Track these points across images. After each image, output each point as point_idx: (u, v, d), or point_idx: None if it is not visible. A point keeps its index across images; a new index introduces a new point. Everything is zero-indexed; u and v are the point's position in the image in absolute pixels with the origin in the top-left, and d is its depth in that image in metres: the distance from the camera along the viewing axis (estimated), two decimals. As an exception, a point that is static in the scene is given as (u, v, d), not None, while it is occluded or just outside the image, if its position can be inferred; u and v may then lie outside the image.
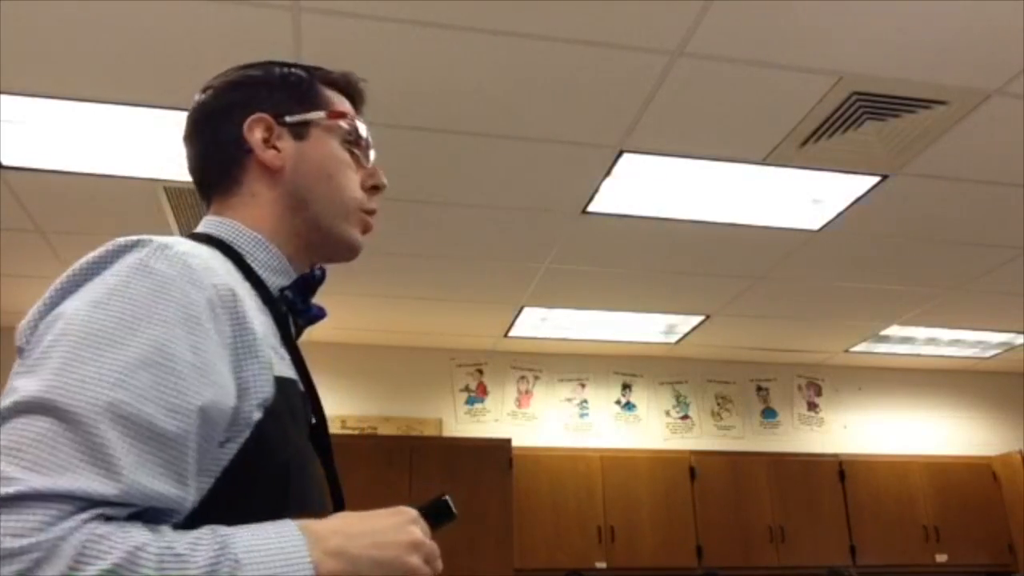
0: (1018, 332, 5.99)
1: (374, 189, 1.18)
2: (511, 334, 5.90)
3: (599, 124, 3.38)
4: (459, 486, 5.30)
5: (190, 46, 2.85)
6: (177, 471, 0.81)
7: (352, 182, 1.14)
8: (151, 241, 0.91)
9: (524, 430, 6.03)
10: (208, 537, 0.79)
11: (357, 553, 0.85)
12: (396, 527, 0.90)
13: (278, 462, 0.92)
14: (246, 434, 0.89)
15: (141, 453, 0.78)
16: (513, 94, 3.18)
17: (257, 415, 0.90)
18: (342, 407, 5.89)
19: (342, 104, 1.17)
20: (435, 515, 1.01)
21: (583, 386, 6.34)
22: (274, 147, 1.09)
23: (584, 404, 6.30)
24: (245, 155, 1.09)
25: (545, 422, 6.18)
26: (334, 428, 5.73)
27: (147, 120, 3.22)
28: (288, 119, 1.11)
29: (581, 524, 5.58)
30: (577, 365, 6.36)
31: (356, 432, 5.80)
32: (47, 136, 3.37)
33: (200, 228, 1.09)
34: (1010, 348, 6.33)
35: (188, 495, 0.83)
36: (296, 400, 0.98)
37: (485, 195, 3.95)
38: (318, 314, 1.14)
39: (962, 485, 6.25)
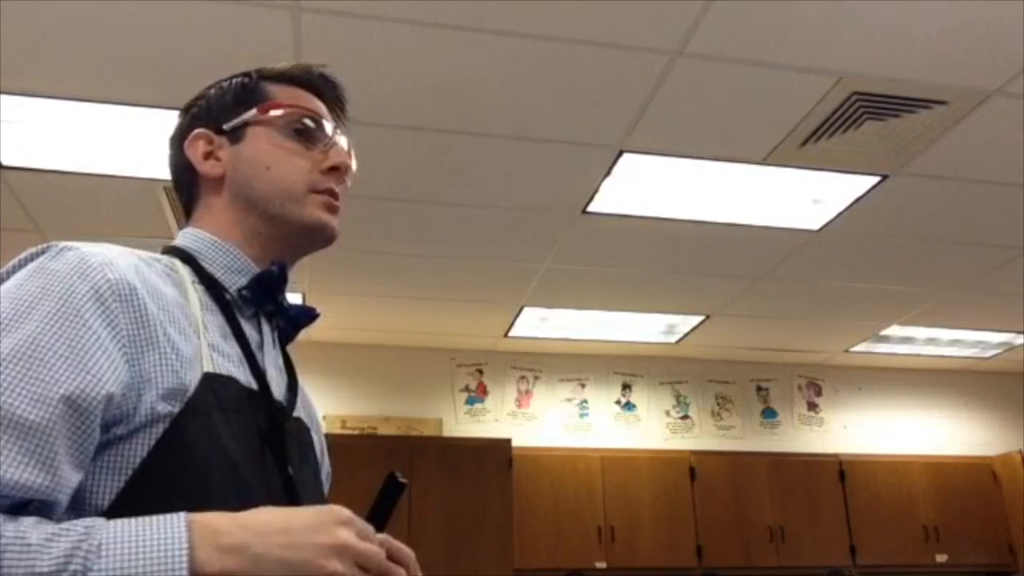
0: (1018, 332, 5.99)
1: (333, 170, 1.13)
2: (511, 334, 5.90)
3: (599, 124, 3.38)
4: (459, 486, 5.30)
5: (190, 46, 2.85)
6: (41, 459, 0.79)
7: (296, 167, 1.11)
8: (56, 245, 0.93)
9: (524, 430, 6.03)
10: (76, 528, 0.77)
11: (261, 551, 0.78)
12: (317, 526, 0.81)
13: (198, 461, 0.88)
14: (158, 429, 0.87)
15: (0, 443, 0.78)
16: (513, 94, 3.18)
17: (166, 408, 0.89)
18: (342, 407, 5.89)
19: (290, 96, 1.14)
20: (388, 496, 0.94)
21: (583, 386, 6.34)
22: (215, 157, 1.12)
23: (584, 404, 6.30)
24: (192, 172, 1.13)
25: (545, 422, 6.18)
26: (334, 428, 5.77)
27: (147, 120, 3.22)
28: (225, 126, 1.12)
29: (581, 524, 5.58)
30: (577, 365, 6.36)
31: (356, 432, 5.80)
32: (47, 136, 3.37)
33: (172, 243, 1.12)
34: (1010, 348, 6.33)
35: (59, 484, 0.81)
36: (231, 397, 0.96)
37: (485, 195, 3.95)
38: (302, 314, 1.13)
39: (962, 485, 6.24)
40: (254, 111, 1.12)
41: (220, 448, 0.91)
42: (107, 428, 0.86)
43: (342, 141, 1.16)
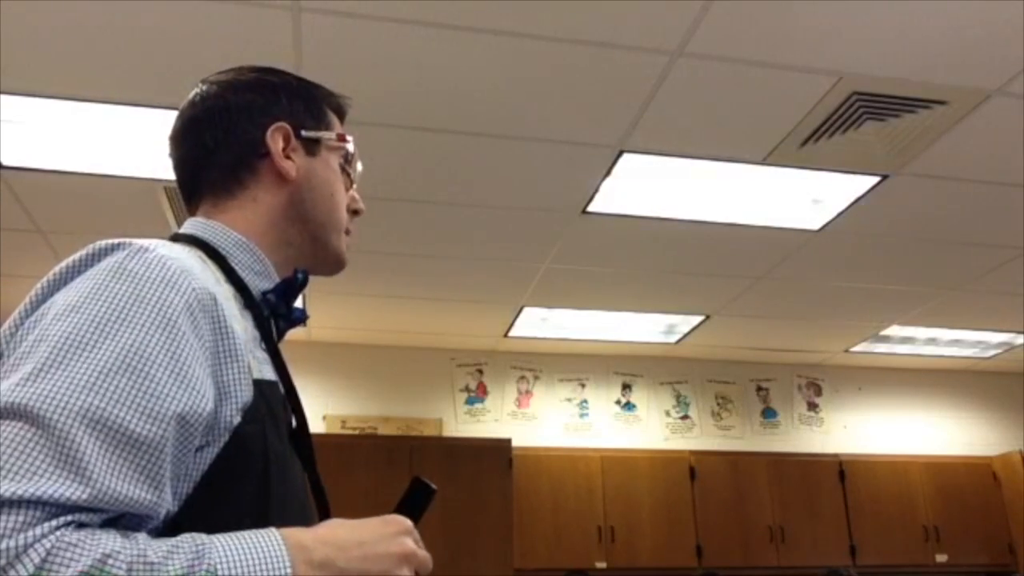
0: (1018, 332, 5.99)
1: (354, 213, 1.22)
2: (511, 334, 5.90)
3: (599, 124, 3.38)
4: (459, 486, 5.30)
5: (190, 46, 2.85)
6: (151, 476, 0.80)
7: (344, 203, 1.18)
8: (130, 244, 0.91)
9: (524, 430, 6.03)
10: (185, 546, 0.78)
11: (345, 565, 0.85)
12: (387, 538, 0.89)
13: (258, 465, 0.91)
14: (225, 438, 0.89)
15: (114, 458, 0.77)
16: (513, 94, 3.18)
17: (237, 419, 0.90)
18: (342, 407, 5.89)
19: (339, 128, 1.19)
20: (418, 500, 0.99)
21: (583, 386, 6.34)
22: (289, 158, 1.11)
23: (584, 404, 6.30)
24: (260, 159, 1.09)
25: (545, 422, 6.18)
26: (334, 428, 5.77)
27: (147, 120, 3.22)
28: (304, 134, 1.12)
29: (581, 524, 5.58)
30: (577, 365, 6.36)
31: (356, 432, 5.80)
32: (47, 136, 3.37)
33: (184, 229, 1.08)
34: (1010, 348, 6.33)
35: (163, 501, 0.82)
36: (276, 402, 0.98)
37: (485, 195, 3.95)
38: (300, 317, 1.14)
39: (962, 485, 6.24)
40: (332, 135, 1.15)
41: (275, 453, 0.94)
42: None
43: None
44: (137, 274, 0.87)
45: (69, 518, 0.74)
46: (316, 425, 5.70)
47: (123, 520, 0.80)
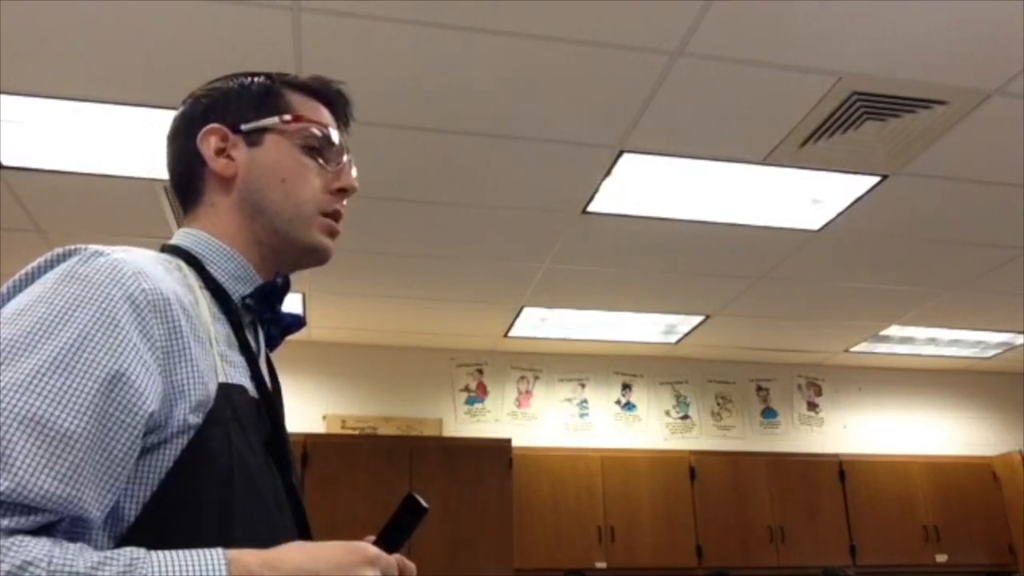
0: (1018, 332, 5.99)
1: (341, 191, 1.15)
2: (511, 334, 5.90)
3: (599, 124, 3.38)
4: (459, 486, 5.30)
5: (190, 46, 2.85)
6: (85, 473, 0.79)
7: (309, 185, 1.12)
8: (85, 249, 0.92)
9: (524, 430, 6.03)
10: (121, 558, 0.77)
11: None
12: (344, 567, 0.85)
13: (222, 470, 0.90)
14: (183, 440, 0.88)
15: (44, 454, 0.77)
16: (513, 94, 3.18)
17: (194, 419, 0.89)
18: (342, 407, 5.89)
19: (310, 109, 1.15)
20: (408, 519, 0.96)
21: (583, 386, 6.34)
22: (228, 156, 1.10)
23: (584, 404, 6.30)
24: (202, 166, 1.11)
25: (545, 422, 6.18)
26: (334, 428, 5.77)
27: (147, 120, 3.22)
28: (243, 127, 1.11)
29: (581, 524, 5.58)
30: (577, 365, 6.36)
31: (356, 432, 5.80)
32: (47, 136, 3.37)
33: (171, 240, 1.10)
34: (1010, 348, 6.33)
35: (97, 499, 0.81)
36: (244, 407, 0.97)
37: (485, 195, 3.95)
38: (293, 322, 1.14)
39: (962, 485, 6.25)
40: (276, 119, 1.12)
41: (239, 459, 0.92)
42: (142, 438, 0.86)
43: (347, 160, 1.17)
44: (85, 277, 0.88)
45: None
46: (316, 425, 5.71)
47: (62, 526, 0.79)
